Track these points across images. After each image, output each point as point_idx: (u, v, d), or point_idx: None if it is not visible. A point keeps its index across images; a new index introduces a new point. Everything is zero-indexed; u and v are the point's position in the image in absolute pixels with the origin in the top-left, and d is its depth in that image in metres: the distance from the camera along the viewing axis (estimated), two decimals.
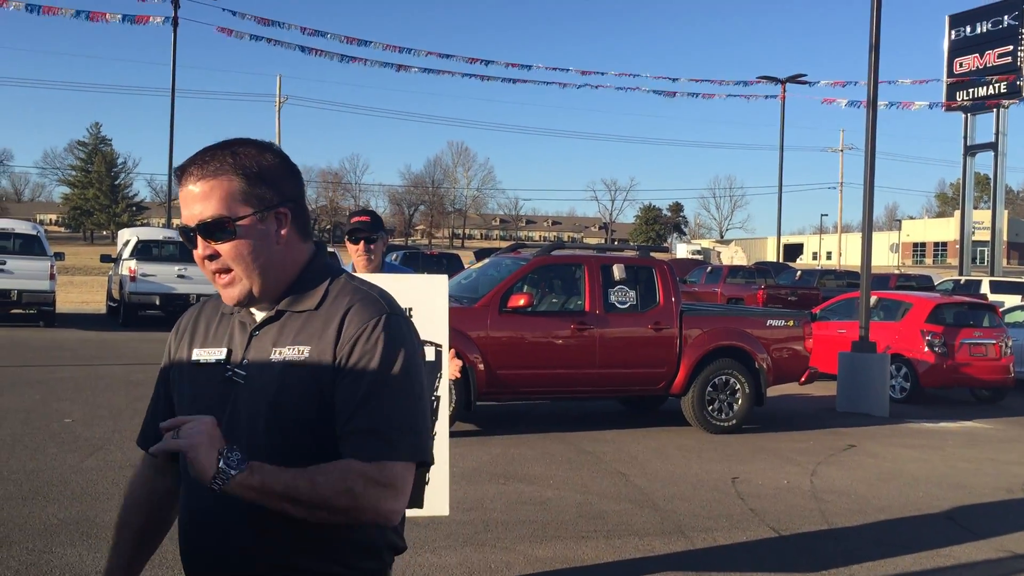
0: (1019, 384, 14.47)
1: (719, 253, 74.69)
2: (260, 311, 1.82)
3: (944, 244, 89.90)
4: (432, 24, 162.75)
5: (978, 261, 56.11)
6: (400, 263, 16.52)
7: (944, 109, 41.74)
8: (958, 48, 41.36)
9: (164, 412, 1.94)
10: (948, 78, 41.08)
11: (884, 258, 78.70)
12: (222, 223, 1.71)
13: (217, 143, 1.79)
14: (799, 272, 33.14)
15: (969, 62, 40.70)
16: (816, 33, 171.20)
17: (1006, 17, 39.34)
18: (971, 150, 41.67)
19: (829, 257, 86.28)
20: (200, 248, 1.74)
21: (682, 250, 70.98)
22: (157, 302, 19.38)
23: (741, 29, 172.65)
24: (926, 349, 13.25)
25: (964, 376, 13.37)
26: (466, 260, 26.96)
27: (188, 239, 1.76)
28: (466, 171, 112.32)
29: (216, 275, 1.76)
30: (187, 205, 1.74)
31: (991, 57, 39.82)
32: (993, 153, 40.38)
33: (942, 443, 10.10)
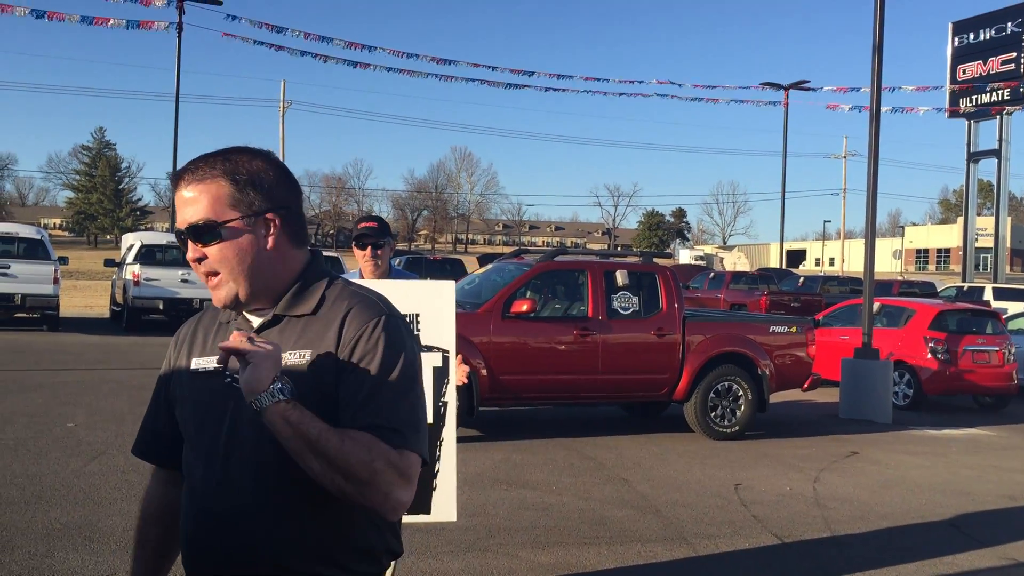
0: (1022, 391, 14.45)
1: (722, 259, 74.58)
2: (258, 316, 1.84)
3: (947, 251, 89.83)
4: (436, 30, 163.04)
5: (981, 268, 55.99)
6: (403, 268, 16.46)
7: (947, 115, 41.72)
8: (961, 55, 41.34)
9: (163, 421, 1.96)
10: (951, 85, 41.01)
11: (887, 264, 78.64)
12: (209, 226, 1.75)
13: (213, 151, 1.83)
14: (802, 278, 33.10)
15: (972, 69, 40.66)
16: (819, 39, 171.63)
17: (1009, 24, 39.31)
18: (974, 157, 41.63)
19: (832, 263, 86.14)
20: (190, 251, 1.78)
21: (685, 256, 71.04)
22: (161, 306, 19.43)
23: (744, 35, 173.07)
24: (929, 356, 13.23)
25: (967, 383, 13.35)
26: (470, 266, 26.87)
27: (181, 242, 1.81)
28: (469, 176, 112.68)
29: (206, 277, 1.80)
30: (179, 209, 1.79)
31: (994, 64, 39.79)
32: (996, 160, 40.36)
33: (945, 450, 10.09)
